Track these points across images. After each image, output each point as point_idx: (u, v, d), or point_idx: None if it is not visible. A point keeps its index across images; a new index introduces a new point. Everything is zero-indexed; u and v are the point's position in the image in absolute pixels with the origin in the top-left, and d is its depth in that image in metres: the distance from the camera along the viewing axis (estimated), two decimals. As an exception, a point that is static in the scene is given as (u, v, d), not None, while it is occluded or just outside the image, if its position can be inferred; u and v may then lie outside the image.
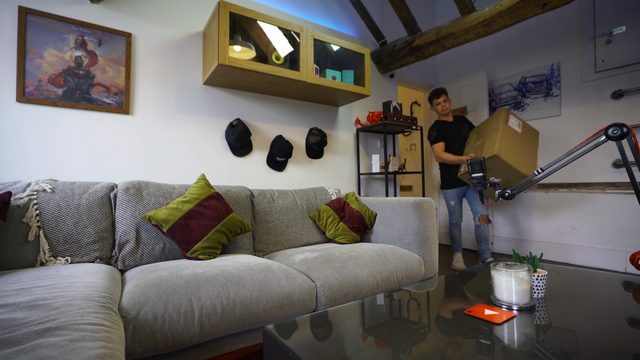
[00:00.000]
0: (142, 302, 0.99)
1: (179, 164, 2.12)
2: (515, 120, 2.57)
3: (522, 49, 3.34)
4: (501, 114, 2.58)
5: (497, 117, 2.60)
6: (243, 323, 1.14)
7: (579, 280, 0.89)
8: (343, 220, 2.02)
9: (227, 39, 1.90)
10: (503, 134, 2.42)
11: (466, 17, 2.48)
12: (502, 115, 2.56)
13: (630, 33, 2.64)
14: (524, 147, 2.49)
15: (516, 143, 2.46)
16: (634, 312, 0.61)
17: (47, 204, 1.36)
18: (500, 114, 2.59)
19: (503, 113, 2.58)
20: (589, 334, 0.53)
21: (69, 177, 1.77)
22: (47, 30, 1.72)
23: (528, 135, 2.57)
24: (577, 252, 2.92)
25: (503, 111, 2.59)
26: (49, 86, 1.72)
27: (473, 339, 0.59)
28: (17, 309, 0.78)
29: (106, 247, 1.44)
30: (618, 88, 2.69)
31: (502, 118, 2.53)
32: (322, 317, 0.71)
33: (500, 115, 2.58)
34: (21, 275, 1.09)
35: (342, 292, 1.39)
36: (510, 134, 2.47)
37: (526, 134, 2.57)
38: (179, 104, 2.13)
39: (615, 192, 2.70)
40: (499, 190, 1.22)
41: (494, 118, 2.64)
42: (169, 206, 1.52)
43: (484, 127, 2.69)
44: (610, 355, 0.45)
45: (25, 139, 1.67)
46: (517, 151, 2.42)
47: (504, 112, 2.58)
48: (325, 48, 2.54)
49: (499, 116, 2.58)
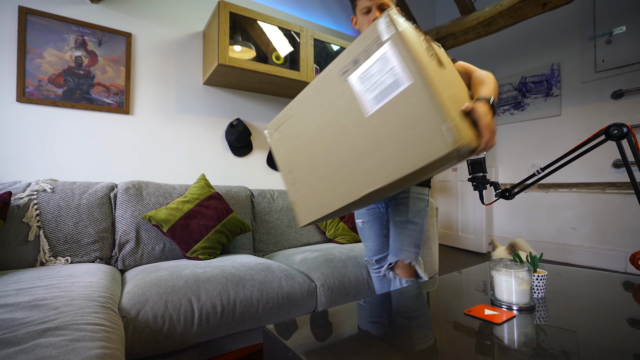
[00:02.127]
0: (142, 302, 0.99)
1: (179, 164, 2.12)
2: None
3: (522, 49, 3.34)
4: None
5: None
6: (243, 323, 1.14)
7: (579, 280, 0.89)
8: (343, 220, 2.02)
9: (227, 39, 1.90)
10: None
11: (466, 17, 2.48)
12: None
13: (630, 33, 2.64)
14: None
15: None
16: (634, 312, 0.61)
17: (47, 204, 1.36)
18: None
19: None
20: (589, 334, 0.53)
21: (69, 177, 1.77)
22: (47, 30, 1.71)
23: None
24: (577, 252, 2.92)
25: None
26: (49, 86, 1.72)
27: (473, 339, 0.59)
28: (17, 308, 0.78)
29: (106, 247, 1.44)
30: (618, 88, 2.69)
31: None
32: (322, 317, 0.71)
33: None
34: (21, 275, 1.09)
35: (342, 292, 1.39)
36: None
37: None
38: (179, 104, 2.13)
39: (615, 192, 2.70)
40: (499, 190, 1.22)
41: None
42: (169, 206, 1.52)
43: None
44: (611, 355, 0.45)
45: (26, 139, 1.67)
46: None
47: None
48: (325, 48, 2.54)
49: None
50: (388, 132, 0.65)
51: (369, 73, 0.67)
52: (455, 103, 0.66)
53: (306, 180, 0.81)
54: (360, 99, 0.68)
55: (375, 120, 0.66)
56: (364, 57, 0.67)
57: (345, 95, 0.70)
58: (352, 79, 0.69)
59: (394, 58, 0.62)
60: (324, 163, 0.76)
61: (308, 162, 0.80)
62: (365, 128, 0.68)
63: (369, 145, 0.68)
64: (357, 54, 0.68)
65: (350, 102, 0.70)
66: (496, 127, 0.92)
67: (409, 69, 0.61)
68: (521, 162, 3.31)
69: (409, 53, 0.61)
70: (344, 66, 0.70)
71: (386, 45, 0.63)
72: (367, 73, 0.67)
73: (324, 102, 0.75)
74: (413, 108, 0.61)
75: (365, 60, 0.67)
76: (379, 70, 0.65)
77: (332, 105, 0.73)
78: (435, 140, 0.59)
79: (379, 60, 0.65)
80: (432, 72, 0.62)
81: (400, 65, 0.62)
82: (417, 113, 0.60)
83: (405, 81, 0.61)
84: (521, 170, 3.31)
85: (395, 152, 0.64)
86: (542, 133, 3.19)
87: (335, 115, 0.73)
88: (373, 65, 0.66)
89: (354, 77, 0.69)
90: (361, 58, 0.67)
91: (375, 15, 1.13)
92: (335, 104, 0.73)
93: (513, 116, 3.40)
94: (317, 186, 0.79)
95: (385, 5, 1.14)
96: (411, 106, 0.61)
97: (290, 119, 0.84)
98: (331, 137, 0.74)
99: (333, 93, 0.73)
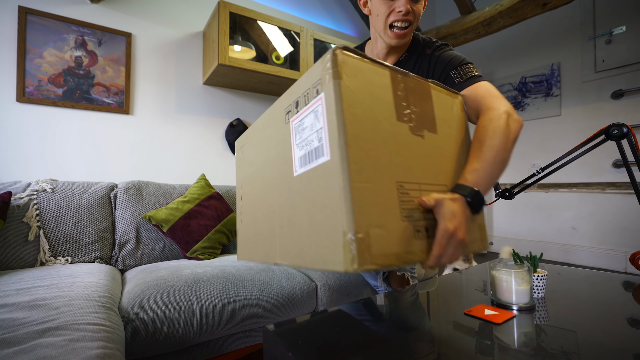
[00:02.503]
0: (142, 302, 0.99)
1: (178, 164, 2.12)
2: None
3: (522, 49, 3.34)
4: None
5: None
6: (243, 323, 1.14)
7: (579, 280, 0.89)
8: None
9: (227, 39, 1.90)
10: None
11: (466, 17, 2.48)
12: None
13: (630, 33, 2.64)
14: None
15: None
16: (634, 312, 0.61)
17: (47, 204, 1.36)
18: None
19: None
20: (589, 333, 0.53)
21: (69, 177, 1.77)
22: (47, 30, 1.71)
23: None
24: (577, 252, 2.92)
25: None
26: (49, 86, 1.72)
27: (473, 339, 0.59)
28: (17, 308, 0.78)
29: (106, 247, 1.44)
30: (618, 88, 2.69)
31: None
32: (322, 317, 0.71)
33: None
34: (21, 275, 1.09)
35: (343, 292, 1.39)
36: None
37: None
38: (178, 104, 2.13)
39: (615, 192, 2.70)
40: (499, 190, 1.22)
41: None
42: (169, 206, 1.52)
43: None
44: (611, 355, 0.45)
45: (25, 139, 1.67)
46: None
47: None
48: (325, 48, 2.54)
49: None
50: (303, 206, 0.49)
51: (303, 124, 0.50)
52: (408, 192, 0.47)
53: (248, 215, 0.69)
54: (293, 151, 0.52)
55: (298, 184, 0.50)
56: (302, 102, 0.50)
57: (286, 139, 0.55)
58: (292, 123, 0.53)
59: (321, 117, 0.45)
60: (259, 206, 0.63)
61: (252, 197, 0.68)
62: (290, 189, 0.52)
63: (288, 210, 0.53)
64: (299, 95, 0.51)
65: (287, 149, 0.54)
66: (465, 234, 0.50)
67: (330, 139, 0.43)
68: (521, 162, 3.31)
69: (336, 116, 0.42)
70: (288, 105, 0.54)
71: (320, 96, 0.45)
72: (301, 123, 0.50)
73: (270, 138, 0.60)
74: (326, 192, 0.43)
75: (303, 107, 0.50)
76: (310, 125, 0.48)
77: (276, 144, 0.58)
78: (335, 249, 0.42)
79: (312, 113, 0.47)
80: (365, 149, 0.43)
81: (325, 129, 0.44)
82: (327, 200, 0.43)
83: (325, 153, 0.44)
84: (521, 170, 3.31)
85: (301, 235, 0.49)
86: (542, 133, 3.19)
87: (276, 157, 0.58)
88: (307, 116, 0.48)
89: (293, 121, 0.52)
90: (300, 101, 0.50)
91: (405, 5, 0.81)
92: (278, 145, 0.57)
93: (513, 116, 3.40)
94: (252, 227, 0.66)
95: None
96: (325, 188, 0.44)
97: (249, 143, 0.70)
98: (269, 181, 0.60)
99: (278, 132, 0.57)
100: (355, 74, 0.45)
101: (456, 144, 0.58)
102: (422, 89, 0.54)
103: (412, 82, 0.53)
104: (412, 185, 0.48)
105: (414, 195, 0.48)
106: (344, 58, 0.44)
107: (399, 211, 0.45)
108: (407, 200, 0.47)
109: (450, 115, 0.58)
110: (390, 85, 0.49)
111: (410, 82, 0.52)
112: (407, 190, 0.47)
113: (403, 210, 0.46)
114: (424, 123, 0.53)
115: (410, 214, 0.47)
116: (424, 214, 0.49)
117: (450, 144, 0.57)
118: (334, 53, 0.44)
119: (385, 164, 0.45)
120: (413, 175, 0.49)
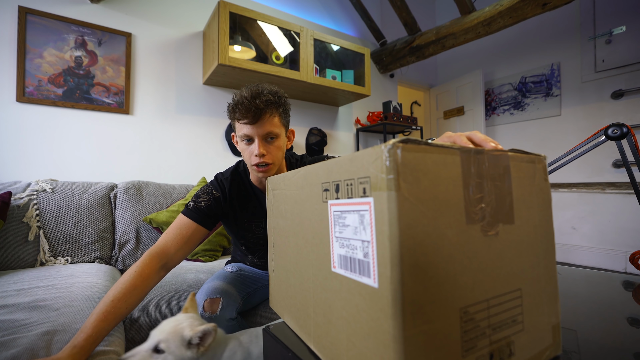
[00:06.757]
0: (145, 304, 0.99)
1: (178, 164, 2.12)
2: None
3: (522, 48, 3.34)
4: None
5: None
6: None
7: (579, 280, 0.89)
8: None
9: (227, 38, 1.90)
10: None
11: (466, 17, 2.48)
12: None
13: (630, 33, 2.64)
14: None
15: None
16: (634, 312, 0.61)
17: (47, 204, 1.36)
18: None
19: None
20: (589, 333, 0.53)
21: (68, 177, 1.76)
22: (47, 30, 1.71)
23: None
24: (577, 252, 2.92)
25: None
26: (49, 86, 1.72)
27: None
28: (17, 310, 0.78)
29: (106, 247, 1.44)
30: (618, 88, 2.70)
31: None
32: (322, 318, 0.71)
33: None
34: (21, 275, 1.09)
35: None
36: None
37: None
38: (178, 104, 2.13)
39: (615, 192, 2.70)
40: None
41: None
42: (170, 209, 1.52)
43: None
44: (611, 354, 0.45)
45: (25, 139, 1.67)
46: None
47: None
48: (325, 48, 2.54)
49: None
50: (342, 313, 0.41)
51: (344, 218, 0.40)
52: (473, 318, 0.36)
53: (279, 270, 0.62)
54: (332, 242, 0.43)
55: (337, 285, 0.41)
56: (344, 190, 0.39)
57: (323, 218, 0.45)
58: (330, 207, 0.43)
59: (368, 228, 0.35)
60: (292, 272, 0.55)
61: (284, 255, 0.59)
62: (327, 281, 0.44)
63: (323, 304, 0.45)
64: (339, 178, 0.40)
65: (324, 232, 0.44)
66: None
67: (379, 265, 0.33)
68: (521, 162, 3.31)
69: (390, 241, 0.31)
70: (326, 180, 0.43)
71: (368, 200, 0.34)
72: (342, 215, 0.40)
73: (305, 203, 0.50)
74: (371, 322, 0.35)
75: (345, 198, 0.39)
76: (354, 227, 0.38)
77: (311, 215, 0.48)
78: None
79: (355, 214, 0.37)
80: (424, 280, 0.32)
81: (373, 247, 0.34)
82: (372, 332, 0.35)
83: (371, 276, 0.35)
84: (521, 170, 3.31)
85: (339, 346, 0.41)
86: (542, 133, 3.19)
87: (310, 229, 0.49)
88: (349, 213, 0.38)
89: (332, 205, 0.42)
90: (342, 188, 0.40)
91: (259, 149, 0.82)
92: (313, 217, 0.48)
93: (513, 116, 3.40)
94: (285, 287, 0.59)
95: (273, 134, 0.84)
96: (369, 318, 0.35)
97: (280, 191, 0.61)
98: (302, 252, 0.52)
99: (313, 202, 0.47)
100: (418, 177, 0.32)
101: (535, 229, 0.44)
102: (499, 165, 0.41)
103: (488, 160, 0.40)
104: (478, 307, 0.37)
105: (480, 318, 0.37)
106: (405, 156, 0.31)
107: (460, 347, 0.35)
108: (471, 328, 0.36)
109: (530, 190, 0.44)
110: (461, 177, 0.36)
111: (486, 160, 0.39)
112: (472, 316, 0.36)
113: (465, 344, 0.35)
114: (499, 214, 0.40)
115: (473, 345, 0.36)
116: (490, 337, 0.38)
117: (528, 232, 0.43)
118: (394, 151, 0.31)
119: (449, 290, 0.34)
120: (481, 291, 0.37)
